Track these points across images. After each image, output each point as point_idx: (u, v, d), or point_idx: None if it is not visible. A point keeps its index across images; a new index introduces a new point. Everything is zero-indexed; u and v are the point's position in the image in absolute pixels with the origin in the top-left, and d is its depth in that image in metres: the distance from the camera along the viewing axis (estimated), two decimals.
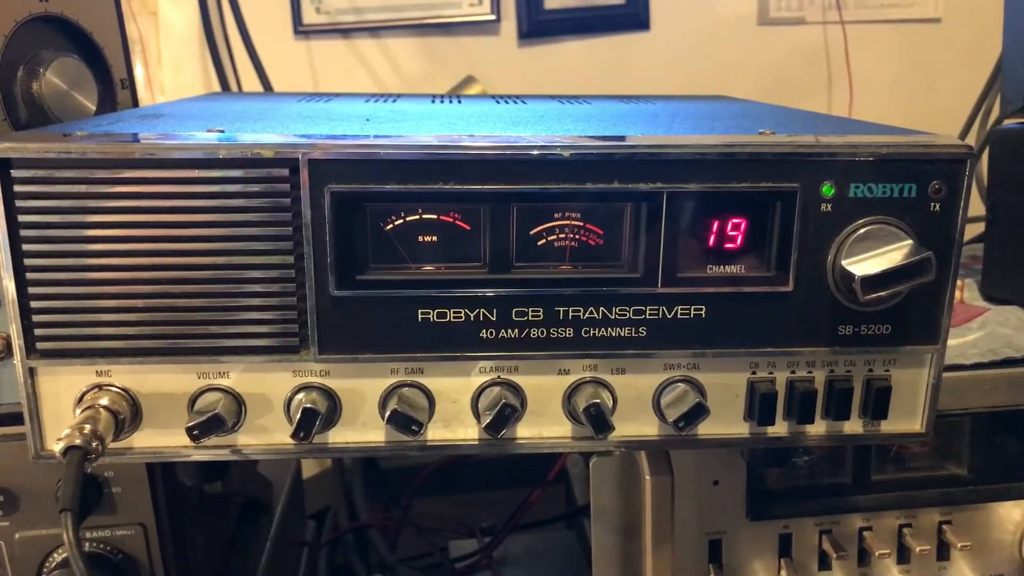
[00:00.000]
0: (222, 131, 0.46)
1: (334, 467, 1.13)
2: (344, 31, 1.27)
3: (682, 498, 0.59)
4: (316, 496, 1.09)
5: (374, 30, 1.28)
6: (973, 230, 0.94)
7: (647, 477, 0.55)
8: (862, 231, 0.47)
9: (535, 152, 0.45)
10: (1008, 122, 0.76)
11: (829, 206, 0.47)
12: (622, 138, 0.46)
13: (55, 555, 0.56)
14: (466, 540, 0.97)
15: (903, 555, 0.64)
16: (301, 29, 1.26)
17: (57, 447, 0.42)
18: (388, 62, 1.29)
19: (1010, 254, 0.74)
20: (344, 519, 1.03)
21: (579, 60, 1.30)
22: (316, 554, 0.94)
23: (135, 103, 0.72)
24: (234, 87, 1.24)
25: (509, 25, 1.29)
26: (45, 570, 0.56)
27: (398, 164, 0.45)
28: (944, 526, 0.64)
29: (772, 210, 0.47)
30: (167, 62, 1.28)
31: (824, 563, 0.63)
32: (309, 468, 1.15)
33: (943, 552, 0.64)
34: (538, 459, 0.85)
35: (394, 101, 0.71)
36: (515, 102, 0.73)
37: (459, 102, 0.73)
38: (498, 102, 0.74)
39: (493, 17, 1.27)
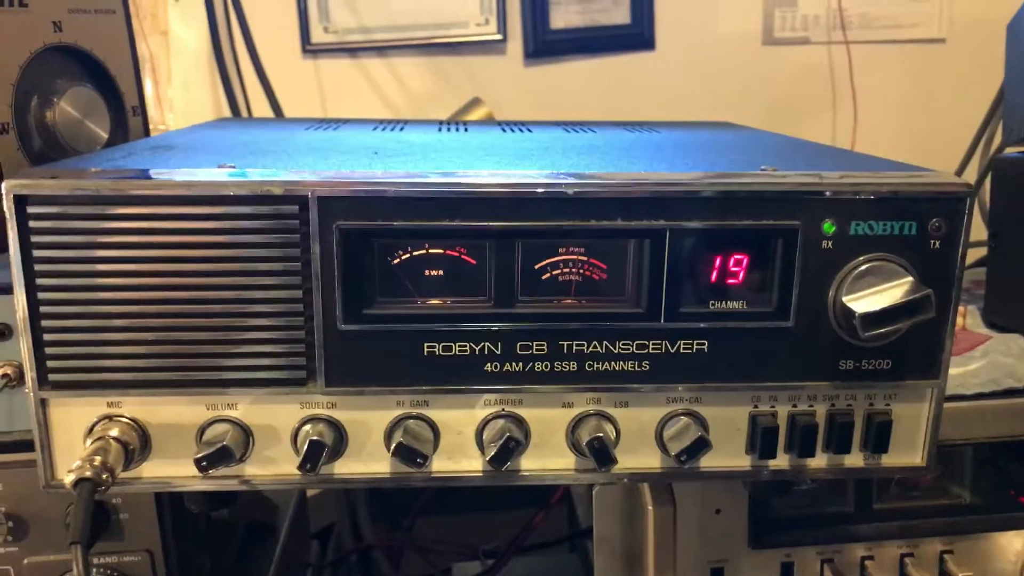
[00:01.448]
0: (233, 167, 0.47)
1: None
2: (351, 50, 1.29)
3: (684, 526, 0.60)
4: (320, 514, 1.09)
5: (381, 49, 1.29)
6: (976, 253, 0.94)
7: (650, 508, 0.55)
8: (863, 268, 0.47)
9: (540, 190, 0.46)
10: (1010, 151, 0.77)
11: (830, 243, 0.47)
12: (625, 176, 0.47)
13: None
14: (470, 562, 0.97)
15: None
16: (309, 48, 1.28)
17: (68, 479, 0.43)
18: (395, 81, 1.30)
19: (1012, 282, 0.74)
20: (348, 539, 1.03)
21: (585, 79, 1.31)
22: (320, 575, 0.95)
23: (146, 130, 0.73)
24: (242, 105, 1.26)
25: (515, 45, 1.30)
26: None
27: (405, 201, 0.45)
28: (946, 555, 0.64)
29: (773, 247, 0.48)
30: (177, 81, 1.29)
31: None
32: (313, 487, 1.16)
33: None
34: None
35: (401, 129, 0.72)
36: (520, 130, 0.74)
37: (465, 130, 0.74)
38: (504, 130, 0.74)
39: (500, 37, 1.28)
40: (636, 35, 1.31)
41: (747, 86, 1.33)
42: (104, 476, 0.43)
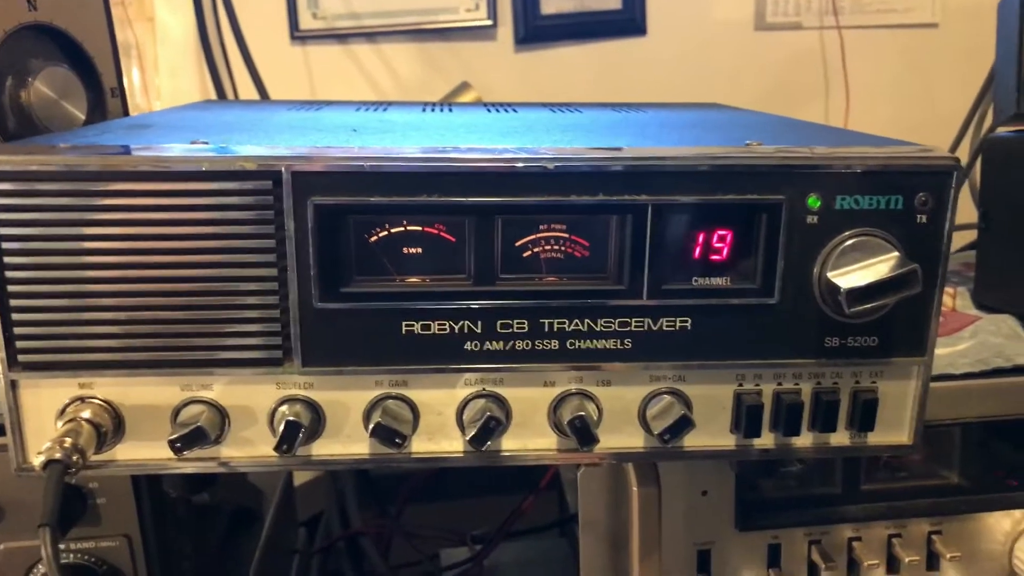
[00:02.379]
0: (206, 143, 0.46)
1: (327, 474, 1.12)
2: (341, 37, 1.27)
3: (671, 508, 0.59)
4: (309, 502, 1.09)
5: (371, 35, 1.28)
6: (967, 236, 0.94)
7: (634, 488, 0.55)
8: (848, 243, 0.46)
9: (520, 165, 0.45)
10: (1001, 130, 0.76)
11: (815, 218, 0.47)
12: (606, 150, 0.46)
13: (40, 566, 0.56)
14: (458, 548, 0.97)
15: (892, 565, 0.63)
16: (297, 35, 1.26)
17: (37, 461, 0.42)
18: (385, 68, 1.29)
19: (1002, 262, 0.74)
20: (336, 526, 1.03)
21: (576, 65, 1.30)
22: (307, 562, 0.94)
23: (125, 111, 0.72)
24: (230, 93, 1.24)
25: (506, 31, 1.29)
26: None
27: (382, 176, 0.44)
28: (934, 536, 0.63)
29: (758, 222, 0.47)
30: (164, 68, 1.28)
31: (813, 573, 0.63)
32: (302, 474, 1.15)
33: (933, 562, 0.64)
34: (532, 466, 0.85)
35: (384, 110, 0.71)
36: (506, 111, 0.73)
37: (450, 111, 0.73)
38: (489, 111, 0.74)
39: (490, 22, 1.27)
40: (627, 20, 1.30)
41: (739, 71, 1.32)
42: (75, 458, 0.42)
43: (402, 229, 0.46)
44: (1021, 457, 0.65)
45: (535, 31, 1.28)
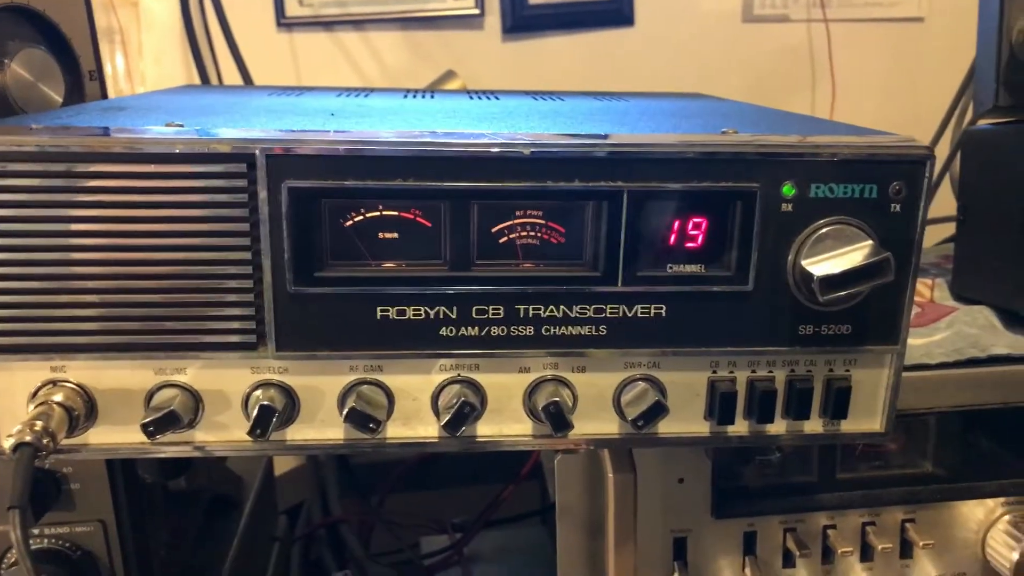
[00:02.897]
0: (181, 125, 0.46)
1: (308, 463, 1.12)
2: (327, 24, 1.27)
3: (647, 496, 0.59)
4: (292, 491, 1.09)
5: (357, 23, 1.27)
6: (949, 229, 0.94)
7: (610, 475, 0.55)
8: (822, 231, 0.47)
9: (496, 150, 0.45)
10: (980, 123, 0.76)
11: (789, 206, 0.47)
12: (583, 137, 0.46)
13: (14, 551, 0.56)
14: (438, 536, 0.97)
15: (866, 553, 0.64)
16: (284, 21, 1.25)
17: (6, 443, 0.42)
18: (371, 55, 1.29)
19: (979, 254, 0.74)
20: (317, 516, 1.03)
21: (563, 55, 1.30)
22: (288, 549, 0.94)
23: (104, 95, 0.71)
24: (215, 80, 1.23)
25: (493, 20, 1.28)
26: (4, 565, 0.56)
27: (357, 160, 0.44)
28: (907, 524, 0.64)
29: (732, 210, 0.47)
30: (148, 53, 1.27)
31: (788, 561, 0.63)
32: (284, 464, 1.15)
33: (906, 550, 0.64)
34: (514, 454, 0.85)
35: (366, 96, 0.71)
36: (487, 98, 0.73)
37: (431, 97, 0.72)
38: (471, 97, 0.73)
39: (477, 11, 1.27)
40: (615, 11, 1.30)
41: (726, 63, 1.32)
42: (45, 441, 0.42)
43: (377, 214, 0.46)
44: (995, 447, 0.66)
45: (523, 20, 1.28)
